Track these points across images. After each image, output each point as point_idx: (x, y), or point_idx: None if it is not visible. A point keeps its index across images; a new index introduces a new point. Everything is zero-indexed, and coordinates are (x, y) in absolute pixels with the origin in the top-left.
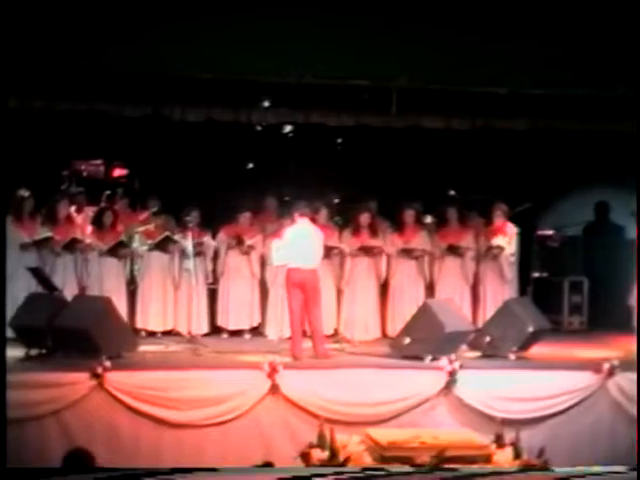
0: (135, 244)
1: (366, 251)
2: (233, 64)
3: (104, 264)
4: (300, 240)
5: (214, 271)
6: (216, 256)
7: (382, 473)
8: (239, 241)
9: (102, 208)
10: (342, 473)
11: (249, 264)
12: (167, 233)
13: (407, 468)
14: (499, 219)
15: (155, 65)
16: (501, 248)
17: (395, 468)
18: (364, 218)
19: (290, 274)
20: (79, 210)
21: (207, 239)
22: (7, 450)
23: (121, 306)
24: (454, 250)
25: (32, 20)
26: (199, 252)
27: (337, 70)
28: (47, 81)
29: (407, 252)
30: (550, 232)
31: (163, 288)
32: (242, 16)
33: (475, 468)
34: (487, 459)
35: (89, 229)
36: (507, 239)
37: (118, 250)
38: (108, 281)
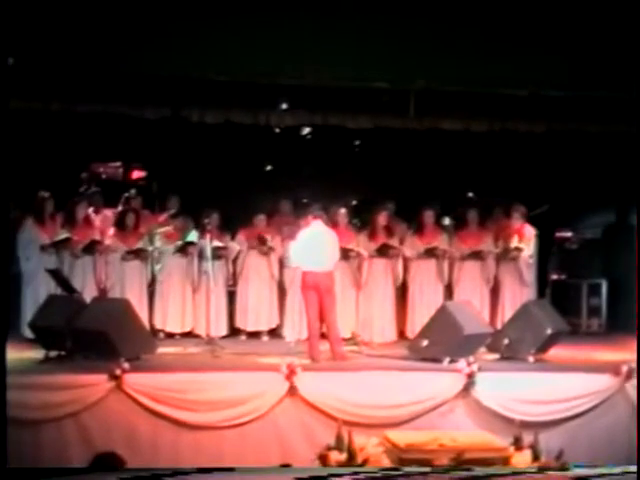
0: (154, 246)
1: (384, 251)
2: (251, 66)
3: (125, 266)
4: (314, 243)
5: (234, 274)
6: (236, 258)
7: (399, 473)
8: (261, 242)
9: (125, 210)
10: (359, 473)
11: (269, 266)
12: (185, 241)
13: (424, 468)
14: (517, 221)
15: (174, 67)
16: (519, 250)
17: (412, 468)
18: (381, 219)
19: (305, 277)
20: (97, 211)
21: (231, 242)
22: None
23: (141, 308)
24: (475, 254)
25: (50, 23)
26: (220, 255)
27: (355, 72)
28: (66, 84)
29: (429, 252)
30: (568, 234)
31: (182, 290)
32: (260, 18)
33: (492, 468)
34: (505, 461)
35: (112, 231)
36: (525, 241)
37: (138, 252)
38: (128, 283)
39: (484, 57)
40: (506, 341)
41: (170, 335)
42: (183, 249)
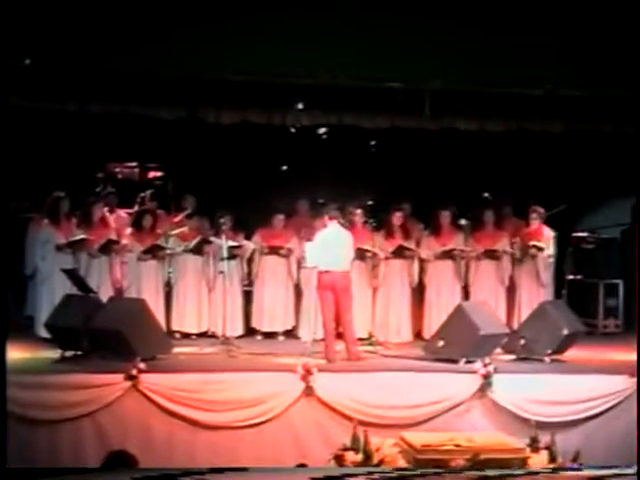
0: (170, 246)
1: (400, 253)
2: (267, 66)
3: (141, 266)
4: (330, 243)
5: (249, 273)
6: (251, 258)
7: (414, 473)
8: (276, 247)
9: (142, 210)
10: (374, 473)
11: (286, 266)
12: (202, 237)
13: (439, 469)
14: (535, 222)
15: (190, 68)
16: (538, 249)
17: (427, 469)
18: (397, 219)
19: (321, 277)
20: (111, 211)
21: (246, 242)
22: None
23: (157, 308)
24: (490, 253)
25: (66, 24)
26: (235, 255)
27: (371, 72)
28: (82, 84)
29: (446, 254)
30: (585, 234)
31: (198, 290)
32: (276, 18)
33: (506, 469)
34: (522, 462)
35: (128, 231)
36: (544, 242)
37: (154, 252)
38: (145, 283)
39: (499, 57)
40: (522, 342)
41: (186, 335)
42: (198, 248)
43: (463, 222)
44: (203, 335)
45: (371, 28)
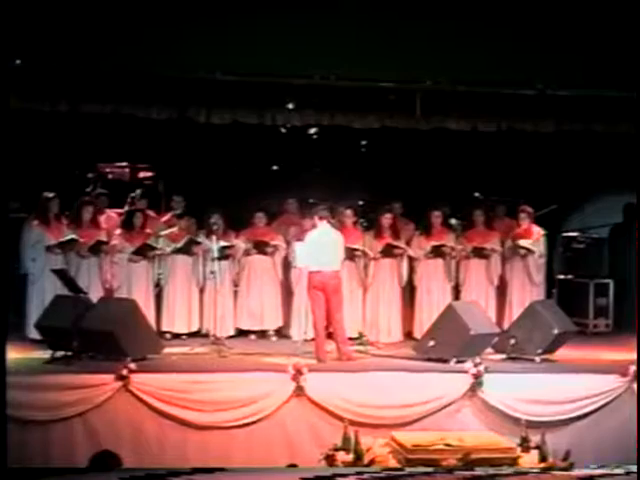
0: (159, 246)
1: (388, 252)
2: (258, 66)
3: (131, 266)
4: (321, 243)
5: (239, 273)
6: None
7: (403, 473)
8: (261, 244)
9: (132, 210)
10: (363, 473)
11: (273, 265)
12: (190, 236)
13: (428, 468)
14: (524, 221)
15: (180, 68)
16: (528, 250)
17: (417, 469)
18: (386, 220)
19: (312, 277)
20: (101, 212)
21: (238, 242)
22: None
23: (148, 308)
24: (479, 252)
25: (57, 23)
26: (227, 255)
27: (362, 72)
28: (73, 84)
29: (436, 249)
30: (575, 234)
31: (188, 290)
32: (267, 18)
33: (496, 468)
34: (513, 462)
35: (118, 231)
36: (534, 241)
37: (144, 252)
38: (135, 283)
39: (491, 56)
40: (513, 341)
41: (177, 335)
42: (187, 248)
43: (454, 222)
44: (194, 335)
45: (362, 28)
